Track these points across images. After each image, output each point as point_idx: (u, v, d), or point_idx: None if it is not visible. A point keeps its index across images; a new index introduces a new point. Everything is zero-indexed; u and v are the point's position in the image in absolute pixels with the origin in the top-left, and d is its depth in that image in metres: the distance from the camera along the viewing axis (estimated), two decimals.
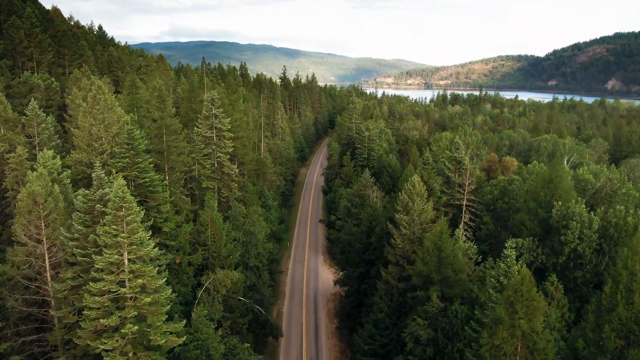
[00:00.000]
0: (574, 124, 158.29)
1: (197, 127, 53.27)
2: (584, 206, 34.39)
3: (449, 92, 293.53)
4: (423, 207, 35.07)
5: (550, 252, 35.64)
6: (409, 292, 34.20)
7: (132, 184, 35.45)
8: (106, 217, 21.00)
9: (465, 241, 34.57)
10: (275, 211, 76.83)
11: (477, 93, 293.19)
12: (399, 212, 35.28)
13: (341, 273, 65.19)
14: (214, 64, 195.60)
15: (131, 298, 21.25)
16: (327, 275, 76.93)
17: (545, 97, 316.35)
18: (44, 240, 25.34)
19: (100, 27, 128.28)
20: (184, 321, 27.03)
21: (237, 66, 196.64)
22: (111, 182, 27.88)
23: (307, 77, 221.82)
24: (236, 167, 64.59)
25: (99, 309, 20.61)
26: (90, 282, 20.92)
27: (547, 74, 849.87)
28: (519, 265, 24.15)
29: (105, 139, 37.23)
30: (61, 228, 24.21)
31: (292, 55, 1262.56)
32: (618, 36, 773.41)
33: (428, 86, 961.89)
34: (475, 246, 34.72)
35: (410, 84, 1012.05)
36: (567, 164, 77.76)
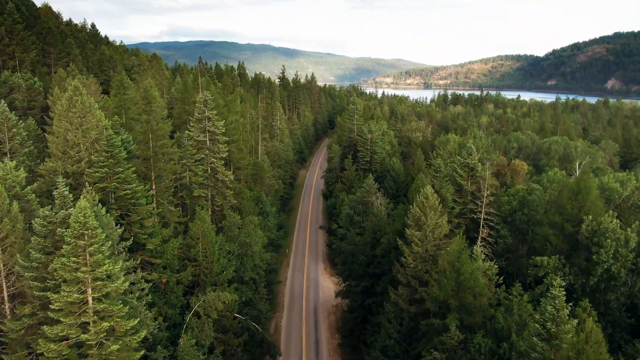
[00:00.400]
0: (579, 125, 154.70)
1: (189, 131, 49.45)
2: (617, 221, 30.72)
3: (449, 92, 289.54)
4: (437, 222, 31.38)
5: (579, 271, 31.95)
6: (421, 318, 30.51)
7: (112, 196, 31.64)
8: (65, 246, 17.29)
9: (484, 259, 30.87)
10: (273, 217, 73.04)
11: (477, 93, 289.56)
12: (410, 228, 31.56)
13: (343, 285, 61.52)
14: (212, 63, 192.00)
15: (96, 344, 17.52)
16: (327, 285, 73.17)
17: (545, 97, 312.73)
18: (1, 267, 21.59)
19: (93, 26, 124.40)
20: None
21: (235, 66, 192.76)
22: (82, 199, 24.11)
23: (306, 76, 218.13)
24: (232, 172, 60.81)
25: (56, 358, 16.89)
26: (46, 325, 17.21)
27: (546, 74, 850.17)
28: (584, 314, 20.25)
29: (83, 145, 33.39)
30: (18, 255, 20.48)
31: (291, 55, 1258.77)
32: (617, 36, 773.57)
33: (427, 86, 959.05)
34: (495, 266, 30.99)
35: (409, 84, 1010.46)
36: (579, 168, 74.14)
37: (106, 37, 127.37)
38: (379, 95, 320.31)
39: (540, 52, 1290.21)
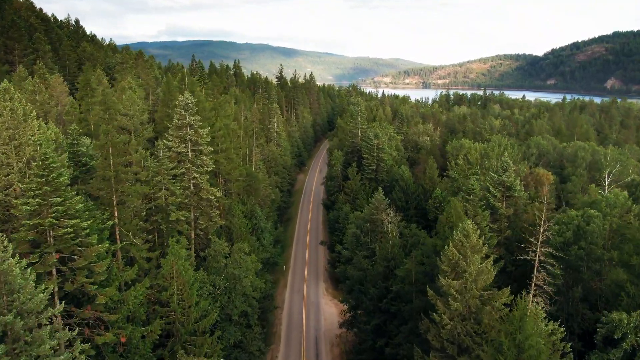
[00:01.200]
0: (592, 127, 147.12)
1: (167, 140, 41.49)
2: None
3: (451, 92, 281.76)
4: (481, 267, 23.68)
5: None
6: None
7: (49, 234, 23.70)
8: None
9: (545, 318, 23.11)
10: (269, 234, 65.15)
11: (480, 92, 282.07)
12: (445, 275, 23.73)
13: (348, 314, 53.75)
14: (207, 63, 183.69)
15: None
16: (330, 310, 65.28)
17: (546, 97, 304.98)
18: None
19: (77, 22, 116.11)
20: None
21: (231, 65, 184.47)
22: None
23: (305, 76, 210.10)
24: (221, 186, 52.85)
25: None
26: None
27: (545, 73, 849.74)
28: None
29: (16, 165, 25.44)
30: None
31: (290, 55, 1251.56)
32: (617, 35, 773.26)
33: (426, 85, 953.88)
34: (562, 328, 23.22)
35: (408, 84, 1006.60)
36: (609, 177, 66.45)
37: (92, 34, 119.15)
38: (379, 95, 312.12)
39: (539, 52, 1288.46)
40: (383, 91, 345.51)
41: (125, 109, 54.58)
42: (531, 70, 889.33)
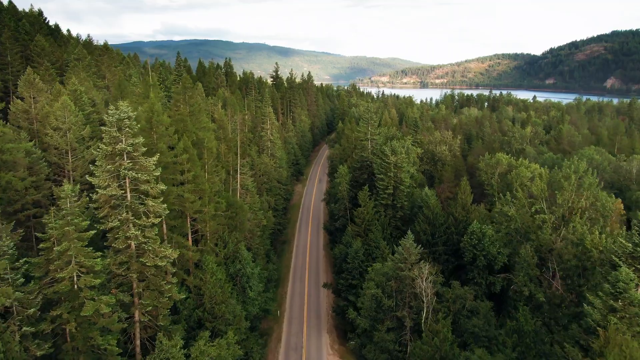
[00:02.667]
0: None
1: (93, 176, 26.61)
2: None
3: (456, 92, 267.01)
4: None
5: None
6: None
7: None
8: None
9: None
10: (257, 281, 50.20)
11: (486, 92, 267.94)
12: None
13: None
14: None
15: None
16: None
17: (545, 96, 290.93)
18: None
19: (40, 12, 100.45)
20: None
21: (223, 63, 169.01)
22: None
23: (302, 75, 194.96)
24: (188, 229, 37.94)
25: None
26: None
27: (544, 73, 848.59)
28: None
29: None
30: None
31: (286, 54, 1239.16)
32: (615, 34, 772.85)
33: (424, 85, 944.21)
34: None
35: (405, 83, 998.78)
36: None
37: (56, 26, 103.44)
38: (378, 94, 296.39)
39: (537, 51, 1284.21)
40: (383, 91, 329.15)
41: (58, 122, 39.69)
42: (529, 69, 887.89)
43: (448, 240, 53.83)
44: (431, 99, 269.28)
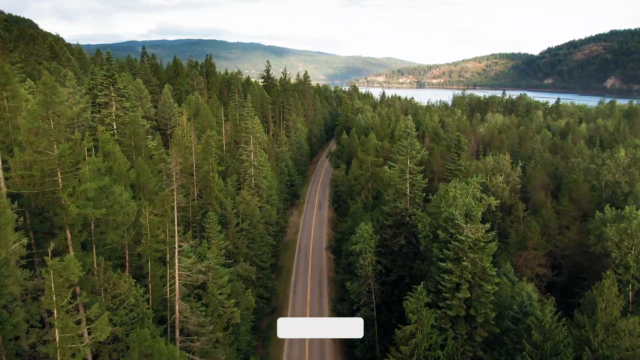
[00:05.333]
0: None
1: None
2: None
3: (467, 93, 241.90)
4: None
5: None
6: None
7: None
8: None
9: None
10: None
11: (499, 93, 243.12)
12: None
13: None
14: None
15: None
16: None
17: (545, 96, 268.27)
18: None
19: None
20: None
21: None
22: None
23: (297, 75, 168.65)
24: None
25: None
26: None
27: (542, 73, 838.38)
28: None
29: None
30: None
31: (281, 54, 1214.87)
32: (614, 34, 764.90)
33: (421, 85, 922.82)
34: None
35: (402, 83, 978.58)
36: None
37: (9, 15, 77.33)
38: (376, 95, 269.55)
39: (535, 51, 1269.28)
40: (384, 92, 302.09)
41: None
42: (527, 69, 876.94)
43: None
44: (438, 101, 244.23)
